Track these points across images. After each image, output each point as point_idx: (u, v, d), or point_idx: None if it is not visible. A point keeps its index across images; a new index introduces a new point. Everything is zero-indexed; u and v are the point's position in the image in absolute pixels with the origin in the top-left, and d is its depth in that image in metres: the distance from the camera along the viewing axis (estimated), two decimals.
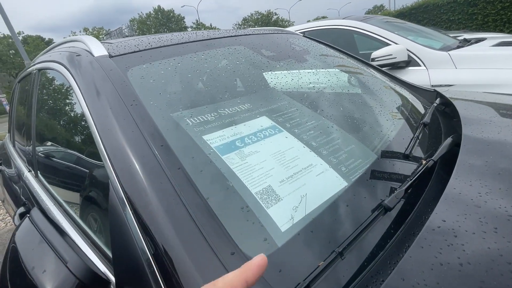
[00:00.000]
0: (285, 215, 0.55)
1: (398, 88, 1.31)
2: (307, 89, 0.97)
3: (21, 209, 1.02)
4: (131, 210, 0.50)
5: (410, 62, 2.41)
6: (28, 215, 0.56)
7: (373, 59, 2.47)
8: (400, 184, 0.69)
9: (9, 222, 3.30)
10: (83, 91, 0.69)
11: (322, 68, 1.15)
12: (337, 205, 0.59)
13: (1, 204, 3.01)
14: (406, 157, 0.78)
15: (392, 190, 0.66)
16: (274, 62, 1.05)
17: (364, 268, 0.48)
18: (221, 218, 0.49)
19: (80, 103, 0.69)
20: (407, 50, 2.38)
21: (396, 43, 2.51)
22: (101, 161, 0.59)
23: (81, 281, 0.37)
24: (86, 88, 0.70)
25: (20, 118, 1.54)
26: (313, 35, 1.75)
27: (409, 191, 0.63)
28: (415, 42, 2.48)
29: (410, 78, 1.86)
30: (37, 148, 1.11)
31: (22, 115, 1.44)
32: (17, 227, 0.54)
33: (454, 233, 0.48)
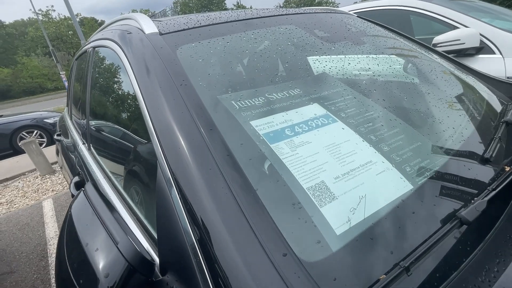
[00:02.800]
0: (341, 216, 0.49)
1: (471, 79, 1.12)
2: (366, 75, 0.86)
3: (76, 178, 1.10)
4: (177, 192, 0.48)
5: (481, 49, 2.07)
6: (83, 189, 0.59)
7: (434, 45, 2.17)
8: (477, 192, 0.58)
9: (67, 186, 3.72)
10: (134, 68, 0.69)
11: (382, 53, 1.02)
12: (402, 211, 0.51)
13: (60, 169, 3.39)
14: (486, 160, 0.66)
15: (469, 200, 0.56)
16: (329, 44, 0.95)
17: None
18: (271, 212, 0.45)
19: (131, 80, 0.69)
20: (480, 34, 2.04)
21: (465, 26, 2.17)
22: (149, 139, 0.58)
23: (130, 264, 0.37)
24: (137, 65, 0.69)
25: (76, 93, 1.66)
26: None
27: (490, 202, 0.52)
28: (491, 25, 2.11)
29: (480, 68, 1.60)
30: (90, 122, 1.18)
31: (78, 90, 1.54)
32: (73, 200, 0.57)
33: None
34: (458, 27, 2.21)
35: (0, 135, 5.71)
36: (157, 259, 0.53)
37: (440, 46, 2.13)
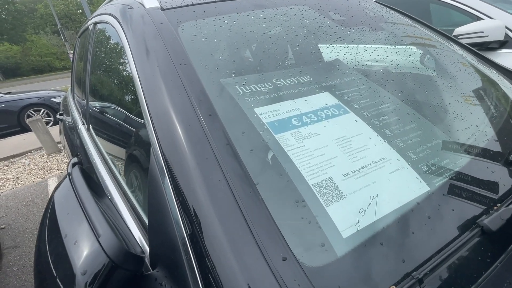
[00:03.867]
0: (349, 217, 0.44)
1: (495, 75, 1.03)
2: (382, 65, 0.79)
3: (74, 160, 1.07)
4: (170, 181, 0.44)
5: (505, 43, 1.94)
6: (68, 173, 0.55)
7: (455, 37, 2.04)
8: (501, 197, 0.53)
9: None
10: (131, 44, 0.63)
11: (401, 42, 0.94)
12: (416, 215, 0.46)
13: (63, 149, 3.42)
14: (511, 163, 0.60)
15: (491, 206, 0.50)
16: (344, 28, 0.87)
17: None
18: (271, 210, 0.41)
19: (128, 59, 0.64)
20: (506, 27, 1.90)
21: (490, 18, 2.03)
22: (144, 122, 0.53)
23: (112, 260, 0.33)
24: (135, 41, 0.63)
25: (77, 72, 1.61)
26: None
27: None
28: None
29: (503, 63, 1.49)
30: (90, 102, 1.14)
31: (79, 69, 1.49)
32: (58, 184, 0.53)
33: None
34: (482, 18, 2.07)
35: (8, 112, 5.76)
36: (147, 249, 0.50)
37: (461, 39, 2.00)
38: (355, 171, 0.51)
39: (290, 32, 0.80)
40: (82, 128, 1.19)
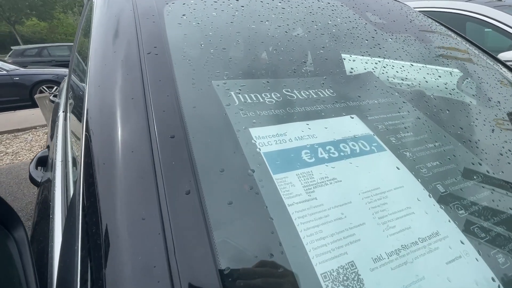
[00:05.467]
0: None
1: None
2: (437, 88, 0.59)
3: (42, 152, 0.92)
4: (81, 229, 0.26)
5: None
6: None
7: None
8: None
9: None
10: (95, 17, 0.46)
11: (464, 64, 0.73)
12: None
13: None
14: None
15: None
16: (384, 33, 0.68)
17: None
18: None
19: (90, 37, 0.47)
20: None
21: None
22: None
23: None
24: (100, 14, 0.46)
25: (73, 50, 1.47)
26: None
27: None
28: None
29: None
30: (70, 88, 0.98)
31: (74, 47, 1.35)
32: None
33: None
34: None
35: (21, 86, 5.79)
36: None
37: None
38: (392, 254, 0.32)
39: (313, 30, 0.61)
40: (61, 116, 1.04)
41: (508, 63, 1.72)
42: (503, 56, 1.80)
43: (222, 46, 0.47)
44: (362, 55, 0.59)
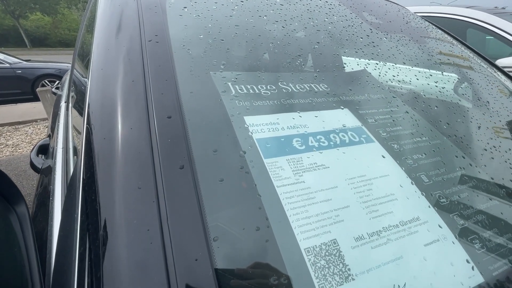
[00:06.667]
0: None
1: None
2: (427, 86, 0.61)
3: (44, 140, 0.94)
4: (81, 207, 0.28)
5: None
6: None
7: None
8: None
9: None
10: (100, 6, 0.48)
11: (455, 65, 0.75)
12: None
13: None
14: None
15: None
16: (379, 33, 0.70)
17: None
18: None
19: (95, 25, 0.49)
20: None
21: None
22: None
23: None
24: (105, 4, 0.48)
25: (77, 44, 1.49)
26: None
27: None
28: None
29: None
30: (73, 79, 1.00)
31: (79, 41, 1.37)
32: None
33: None
34: None
35: (24, 79, 5.81)
36: None
37: None
38: (373, 234, 0.33)
39: (310, 27, 0.63)
40: (62, 106, 1.06)
41: (504, 69, 1.74)
42: (500, 62, 1.82)
43: (221, 38, 0.49)
44: (356, 52, 0.61)
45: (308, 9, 0.65)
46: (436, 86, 0.62)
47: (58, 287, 0.28)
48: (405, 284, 0.30)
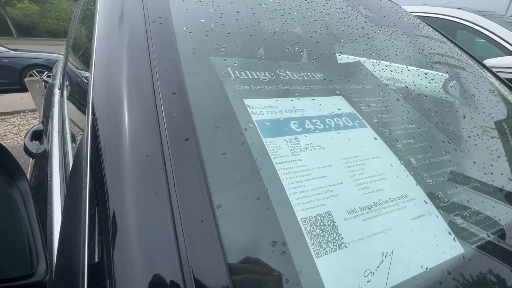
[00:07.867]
0: (347, 281, 0.29)
1: None
2: (416, 77, 0.64)
3: (37, 127, 0.93)
4: (88, 186, 0.29)
5: None
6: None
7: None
8: None
9: None
10: None
11: (444, 58, 0.79)
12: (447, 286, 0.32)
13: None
14: None
15: None
16: (373, 26, 0.72)
17: None
18: (229, 253, 0.26)
19: (95, 8, 0.49)
20: None
21: None
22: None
23: None
24: None
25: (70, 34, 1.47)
26: None
27: None
28: None
29: None
30: (68, 66, 0.99)
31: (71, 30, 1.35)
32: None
33: None
34: None
35: (11, 69, 5.63)
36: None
37: None
38: (365, 208, 0.36)
39: (308, 18, 0.65)
40: (56, 93, 1.04)
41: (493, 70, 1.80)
42: (488, 62, 1.89)
43: (222, 23, 0.51)
44: (351, 42, 0.63)
45: (307, 0, 0.67)
46: (426, 78, 0.65)
47: (66, 251, 0.29)
48: (392, 251, 0.32)
